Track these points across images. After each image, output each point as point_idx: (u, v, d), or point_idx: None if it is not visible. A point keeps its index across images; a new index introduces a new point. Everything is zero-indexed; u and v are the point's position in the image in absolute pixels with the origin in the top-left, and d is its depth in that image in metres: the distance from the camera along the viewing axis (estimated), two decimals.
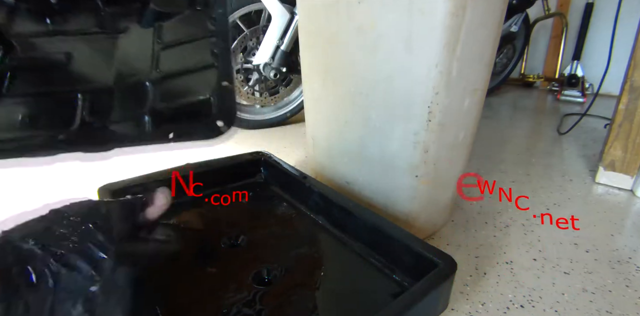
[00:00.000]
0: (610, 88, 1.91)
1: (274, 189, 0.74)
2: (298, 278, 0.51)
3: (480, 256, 0.70)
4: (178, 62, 0.56)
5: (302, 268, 0.53)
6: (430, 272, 0.44)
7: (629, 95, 0.89)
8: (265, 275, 0.52)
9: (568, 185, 1.00)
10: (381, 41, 0.58)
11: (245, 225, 0.62)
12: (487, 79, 0.65)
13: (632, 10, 1.52)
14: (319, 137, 0.80)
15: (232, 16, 1.25)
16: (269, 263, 0.53)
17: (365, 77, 0.62)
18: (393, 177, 0.67)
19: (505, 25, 1.85)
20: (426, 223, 0.74)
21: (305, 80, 0.79)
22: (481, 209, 0.87)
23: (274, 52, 1.30)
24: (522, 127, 1.56)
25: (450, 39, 0.53)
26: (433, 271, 0.45)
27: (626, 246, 0.74)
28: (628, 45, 0.90)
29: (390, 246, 0.53)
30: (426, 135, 0.61)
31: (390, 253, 0.54)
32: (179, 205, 0.56)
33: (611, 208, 0.88)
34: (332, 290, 0.50)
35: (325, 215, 0.64)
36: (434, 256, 0.47)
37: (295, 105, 1.52)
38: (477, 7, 0.53)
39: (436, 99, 0.57)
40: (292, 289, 0.49)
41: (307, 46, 0.74)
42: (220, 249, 0.57)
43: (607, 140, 0.96)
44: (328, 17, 0.64)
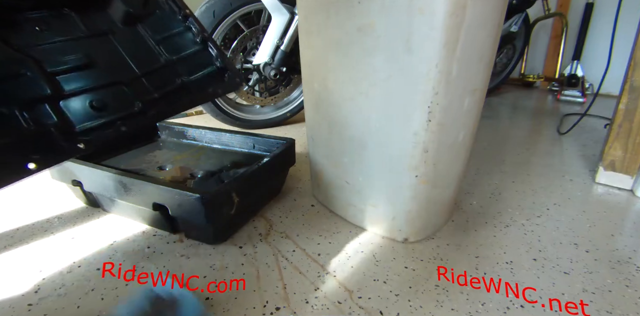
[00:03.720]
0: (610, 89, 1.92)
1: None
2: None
3: (480, 256, 0.70)
4: (177, 49, 0.75)
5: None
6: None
7: (629, 95, 0.89)
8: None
9: (568, 185, 1.00)
10: (381, 41, 0.58)
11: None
12: (487, 78, 0.65)
13: (632, 10, 1.52)
14: (319, 137, 0.80)
15: (232, 16, 1.25)
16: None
17: (365, 77, 0.62)
18: (393, 177, 0.67)
19: (505, 25, 1.85)
20: (426, 223, 0.74)
21: (305, 80, 0.79)
22: (481, 209, 0.87)
23: (274, 52, 1.30)
24: (522, 127, 1.56)
25: (450, 39, 0.53)
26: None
27: (626, 246, 0.74)
28: (628, 46, 0.90)
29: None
30: (426, 135, 0.61)
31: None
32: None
33: (611, 208, 0.88)
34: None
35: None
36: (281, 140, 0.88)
37: (295, 105, 1.52)
38: (476, 7, 0.53)
39: (436, 99, 0.57)
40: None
41: (307, 46, 0.74)
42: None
43: (607, 140, 0.96)
44: (328, 17, 0.64)
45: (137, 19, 0.72)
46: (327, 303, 0.58)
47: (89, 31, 0.65)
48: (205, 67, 0.76)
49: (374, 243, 0.73)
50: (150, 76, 0.70)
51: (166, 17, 0.75)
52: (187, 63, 0.75)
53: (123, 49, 0.69)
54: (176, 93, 0.71)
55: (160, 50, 0.73)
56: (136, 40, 0.71)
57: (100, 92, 0.62)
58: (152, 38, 0.73)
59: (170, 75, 0.72)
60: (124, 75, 0.66)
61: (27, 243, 0.74)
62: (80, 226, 0.79)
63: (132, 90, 0.65)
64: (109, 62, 0.66)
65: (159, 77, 0.71)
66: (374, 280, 0.64)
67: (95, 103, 0.61)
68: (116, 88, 0.65)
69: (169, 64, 0.73)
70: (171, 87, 0.71)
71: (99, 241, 0.74)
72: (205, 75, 0.76)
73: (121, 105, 0.64)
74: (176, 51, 0.75)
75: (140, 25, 0.72)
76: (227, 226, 0.75)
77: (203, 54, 0.76)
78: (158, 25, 0.74)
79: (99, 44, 0.66)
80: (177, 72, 0.73)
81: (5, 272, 0.65)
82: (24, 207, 0.87)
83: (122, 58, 0.68)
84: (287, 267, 0.67)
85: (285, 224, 0.80)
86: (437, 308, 0.58)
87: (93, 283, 0.62)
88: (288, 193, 0.94)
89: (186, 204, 0.65)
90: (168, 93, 0.70)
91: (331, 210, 0.85)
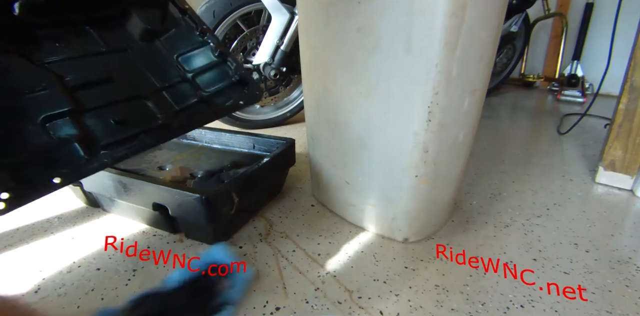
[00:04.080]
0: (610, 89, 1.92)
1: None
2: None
3: (480, 256, 0.70)
4: (195, 63, 0.77)
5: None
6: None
7: (629, 95, 0.89)
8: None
9: (568, 185, 1.00)
10: (381, 41, 0.58)
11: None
12: (487, 79, 0.65)
13: (632, 10, 1.52)
14: (319, 137, 0.80)
15: (232, 16, 1.25)
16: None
17: (365, 77, 0.62)
18: (393, 177, 0.67)
19: (505, 25, 1.85)
20: (426, 223, 0.74)
21: (305, 80, 0.79)
22: (481, 209, 0.87)
23: (274, 52, 1.30)
24: (522, 127, 1.56)
25: (450, 39, 0.53)
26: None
27: (626, 246, 0.74)
28: (628, 45, 0.90)
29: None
30: (426, 135, 0.61)
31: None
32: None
33: (611, 208, 0.88)
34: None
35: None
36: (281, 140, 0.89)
37: (295, 105, 1.52)
38: (477, 7, 0.53)
39: (436, 99, 0.57)
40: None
41: (307, 46, 0.74)
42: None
43: (607, 140, 0.96)
44: (328, 17, 0.64)
45: (155, 35, 0.73)
46: (327, 303, 0.58)
47: (108, 47, 0.66)
48: (224, 80, 0.77)
49: (374, 243, 0.73)
50: (170, 90, 0.71)
51: (184, 33, 0.76)
52: (206, 76, 0.76)
53: (142, 64, 0.69)
54: (197, 106, 0.72)
55: (179, 65, 0.74)
56: (155, 55, 0.72)
57: (122, 106, 0.63)
58: (171, 53, 0.74)
59: (190, 88, 0.73)
60: (144, 90, 0.67)
61: (27, 243, 0.74)
62: (80, 226, 0.79)
63: (154, 104, 0.66)
64: (129, 77, 0.67)
65: (179, 91, 0.72)
66: (374, 280, 0.64)
67: (118, 117, 0.61)
68: (137, 102, 0.65)
69: (188, 78, 0.74)
70: (191, 101, 0.72)
71: (99, 242, 0.74)
72: (224, 88, 0.77)
73: (143, 119, 0.64)
74: (195, 65, 0.76)
75: (158, 41, 0.74)
76: (227, 226, 0.75)
77: (222, 67, 0.77)
78: (176, 40, 0.75)
79: (119, 59, 0.67)
80: (196, 86, 0.74)
81: (5, 272, 0.65)
82: (24, 206, 0.87)
83: (142, 73, 0.69)
84: (287, 267, 0.67)
85: (285, 224, 0.80)
86: (437, 308, 0.58)
87: (93, 283, 0.62)
88: (288, 193, 0.94)
89: (186, 204, 0.65)
90: (189, 106, 0.71)
91: (331, 210, 0.85)
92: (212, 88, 0.76)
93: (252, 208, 0.83)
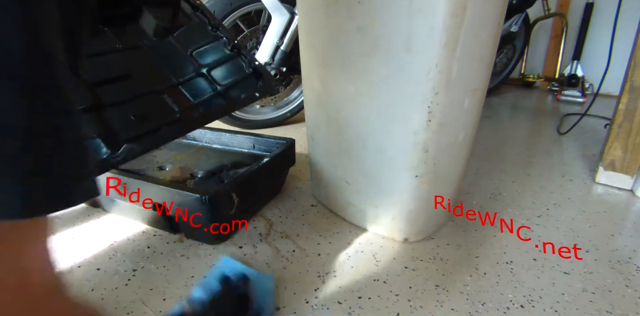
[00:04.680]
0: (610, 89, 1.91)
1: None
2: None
3: (480, 256, 0.70)
4: (209, 57, 0.78)
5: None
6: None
7: (629, 95, 0.89)
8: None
9: (568, 185, 1.00)
10: (381, 41, 0.58)
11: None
12: (487, 78, 0.65)
13: (632, 10, 1.52)
14: (319, 137, 0.80)
15: (232, 16, 1.25)
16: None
17: (365, 77, 0.62)
18: (393, 177, 0.67)
19: (505, 25, 1.85)
20: (426, 223, 0.74)
21: (305, 80, 0.79)
22: (481, 209, 0.87)
23: (274, 52, 1.30)
24: (522, 127, 1.56)
25: (450, 39, 0.53)
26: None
27: (626, 246, 0.74)
28: (628, 45, 0.90)
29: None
30: (426, 135, 0.61)
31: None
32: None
33: (611, 208, 0.88)
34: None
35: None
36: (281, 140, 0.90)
37: (295, 105, 1.52)
38: (476, 7, 0.53)
39: (436, 99, 0.57)
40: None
41: (307, 46, 0.74)
42: None
43: (607, 140, 0.96)
44: (328, 17, 0.64)
45: (169, 31, 0.74)
46: (327, 303, 0.58)
47: (123, 45, 0.68)
48: (239, 73, 0.79)
49: (374, 243, 0.73)
50: (187, 84, 0.72)
51: (197, 28, 0.77)
52: (221, 70, 0.78)
53: (158, 60, 0.71)
54: (213, 99, 0.74)
55: (194, 60, 0.76)
56: (170, 51, 0.74)
57: (140, 101, 0.64)
58: (185, 48, 0.76)
59: (206, 82, 0.75)
60: (161, 85, 0.69)
61: None
62: (80, 226, 0.79)
63: (171, 99, 0.68)
64: (146, 73, 0.68)
65: (195, 85, 0.74)
66: (374, 280, 0.64)
67: (137, 112, 0.62)
68: (155, 97, 0.67)
69: (203, 72, 0.76)
70: (208, 94, 0.74)
71: (99, 241, 0.74)
72: (239, 81, 0.78)
73: (161, 113, 0.66)
74: (209, 59, 0.77)
75: (172, 37, 0.75)
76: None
77: (235, 60, 0.79)
78: (189, 35, 0.77)
79: (134, 56, 0.68)
80: (211, 80, 0.76)
81: None
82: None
83: (158, 68, 0.70)
84: (287, 267, 0.67)
85: (285, 224, 0.80)
86: (437, 308, 0.58)
87: (93, 283, 0.62)
88: (288, 193, 0.94)
89: (186, 204, 0.65)
90: (205, 100, 0.73)
91: (331, 210, 0.85)
92: (227, 81, 0.77)
93: (252, 208, 0.83)
